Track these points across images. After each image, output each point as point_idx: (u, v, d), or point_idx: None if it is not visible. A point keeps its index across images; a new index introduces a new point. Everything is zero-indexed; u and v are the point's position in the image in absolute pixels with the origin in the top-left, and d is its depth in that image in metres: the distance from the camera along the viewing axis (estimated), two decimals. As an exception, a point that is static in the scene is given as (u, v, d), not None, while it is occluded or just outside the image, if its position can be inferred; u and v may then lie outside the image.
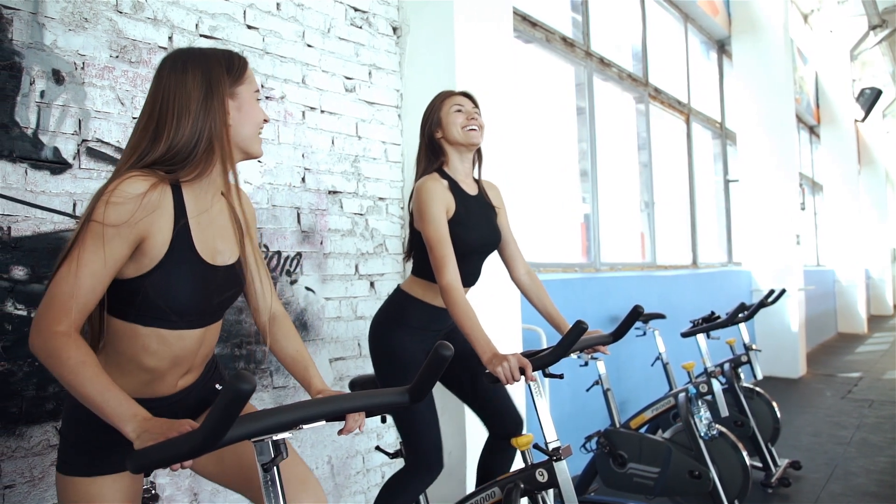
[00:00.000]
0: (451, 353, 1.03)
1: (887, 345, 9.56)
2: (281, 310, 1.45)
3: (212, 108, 1.19)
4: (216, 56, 1.25)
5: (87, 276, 1.08)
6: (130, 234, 1.11)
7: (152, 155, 1.17)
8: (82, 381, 1.03)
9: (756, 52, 7.08)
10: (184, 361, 1.27)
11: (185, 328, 1.23)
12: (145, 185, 1.13)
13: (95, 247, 1.08)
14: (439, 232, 1.82)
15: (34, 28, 1.75)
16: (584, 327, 1.57)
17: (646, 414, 3.24)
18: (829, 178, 11.33)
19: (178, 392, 1.30)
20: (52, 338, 1.05)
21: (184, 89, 1.19)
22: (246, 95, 1.26)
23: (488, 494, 1.89)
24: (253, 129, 1.27)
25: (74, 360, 1.04)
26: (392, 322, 1.96)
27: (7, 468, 1.67)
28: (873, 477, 3.53)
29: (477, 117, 1.95)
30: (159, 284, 1.16)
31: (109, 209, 1.09)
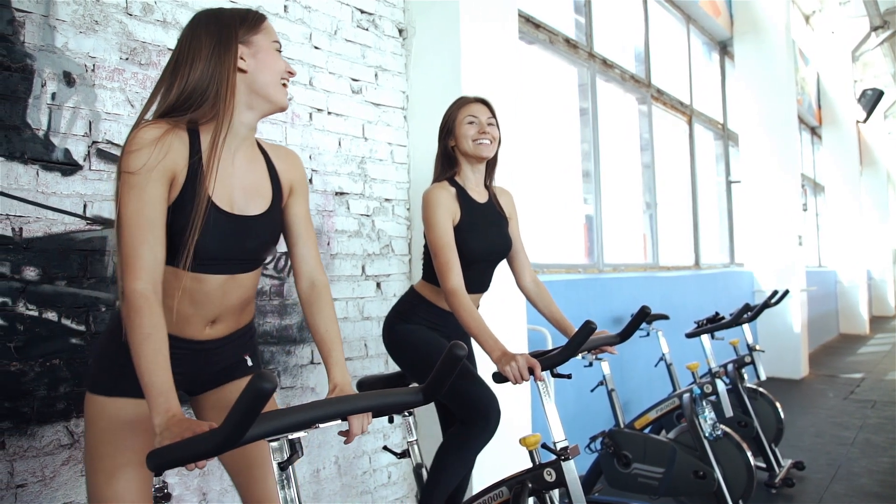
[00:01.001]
0: (464, 353, 1.04)
1: (889, 346, 9.57)
2: (323, 280, 1.43)
3: (223, 53, 1.23)
4: (232, 10, 1.31)
5: (139, 225, 1.13)
6: (157, 174, 1.16)
7: (166, 101, 1.22)
8: (142, 352, 1.08)
9: (758, 53, 7.09)
10: (205, 307, 1.29)
11: (200, 271, 1.24)
12: (159, 130, 1.18)
13: (135, 195, 1.14)
14: (443, 238, 1.85)
15: (46, 30, 1.77)
16: (593, 327, 1.59)
17: (650, 414, 3.25)
18: (830, 179, 11.34)
19: (206, 340, 1.32)
20: (132, 296, 1.10)
21: (197, 38, 1.24)
22: (263, 44, 1.29)
23: (496, 494, 1.90)
24: (272, 76, 1.29)
25: (144, 329, 1.08)
26: (402, 317, 2.01)
27: (19, 467, 1.68)
28: (876, 477, 3.54)
29: (489, 130, 1.96)
30: (174, 224, 1.19)
31: (130, 158, 1.15)
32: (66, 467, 1.77)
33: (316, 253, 1.44)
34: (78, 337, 1.80)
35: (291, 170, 1.41)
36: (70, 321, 1.79)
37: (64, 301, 1.78)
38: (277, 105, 1.32)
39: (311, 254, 1.42)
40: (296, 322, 2.38)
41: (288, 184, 1.40)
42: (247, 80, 1.27)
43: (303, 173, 1.45)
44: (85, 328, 1.81)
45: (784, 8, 7.05)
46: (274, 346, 2.30)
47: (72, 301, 1.79)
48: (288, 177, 1.40)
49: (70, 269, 1.79)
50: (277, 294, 2.33)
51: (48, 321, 1.75)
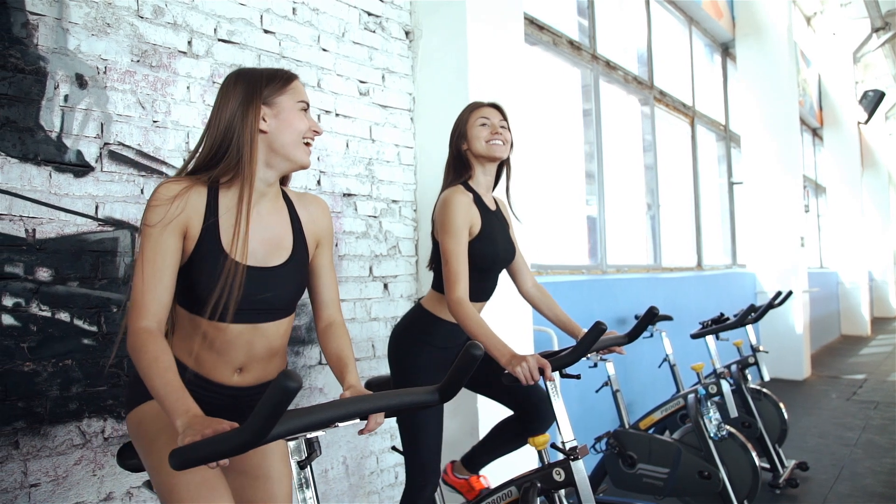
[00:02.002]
0: (481, 353, 1.05)
1: (891, 347, 9.57)
2: (340, 320, 1.50)
3: (244, 113, 1.29)
4: (264, 70, 1.36)
5: (151, 273, 1.22)
6: (172, 227, 1.24)
7: (196, 161, 1.32)
8: (152, 375, 1.14)
9: (760, 55, 7.10)
10: (229, 354, 1.33)
11: (221, 321, 1.28)
12: (178, 187, 1.27)
13: (150, 246, 1.23)
14: (459, 245, 1.82)
15: (59, 33, 1.78)
16: (603, 328, 1.60)
17: (655, 415, 3.26)
18: (832, 181, 11.35)
19: (235, 387, 1.36)
20: (135, 333, 1.19)
21: (227, 98, 1.31)
22: (286, 104, 1.33)
23: (505, 493, 1.91)
24: (293, 136, 1.33)
25: (150, 354, 1.16)
26: (414, 340, 1.95)
27: (32, 467, 1.69)
28: (880, 478, 3.55)
29: (502, 132, 1.94)
30: (189, 274, 1.28)
31: (150, 212, 1.24)
32: (78, 467, 1.78)
33: (336, 296, 1.51)
34: (90, 337, 1.81)
35: (317, 220, 1.46)
36: (82, 322, 1.80)
37: (76, 302, 1.79)
38: (298, 164, 1.36)
39: (331, 298, 1.50)
40: (304, 323, 2.39)
41: (313, 235, 1.45)
42: (267, 140, 1.32)
43: (329, 222, 1.50)
44: (97, 329, 1.82)
45: (786, 10, 7.06)
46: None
47: (84, 302, 1.80)
48: (312, 228, 1.45)
49: (82, 270, 1.81)
50: None
51: (61, 322, 1.76)
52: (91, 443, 1.80)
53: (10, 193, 1.68)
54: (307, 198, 1.48)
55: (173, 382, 1.12)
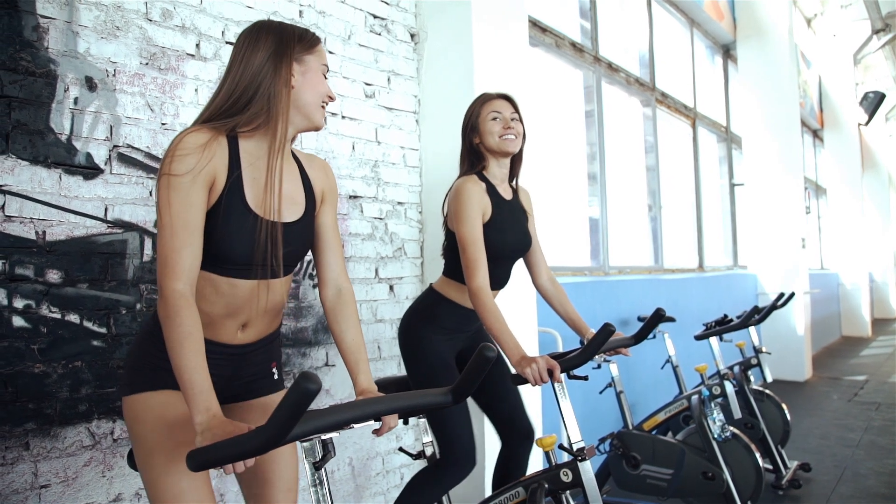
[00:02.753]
0: (494, 355, 1.06)
1: (892, 348, 9.58)
2: (348, 287, 1.46)
3: (277, 65, 1.26)
4: (291, 27, 1.33)
5: (179, 226, 1.15)
6: (200, 178, 1.19)
7: (213, 103, 1.26)
8: (182, 352, 1.10)
9: (761, 57, 7.12)
10: (239, 312, 1.30)
11: (236, 277, 1.26)
12: (204, 136, 1.21)
13: (179, 198, 1.16)
14: (474, 234, 1.84)
15: (69, 36, 1.79)
16: (612, 330, 1.61)
17: (659, 416, 3.27)
18: (832, 182, 11.37)
19: (238, 345, 1.34)
20: (172, 296, 1.13)
21: (254, 44, 1.27)
22: (313, 64, 1.32)
23: (512, 494, 1.92)
24: (315, 97, 1.32)
25: (185, 328, 1.11)
26: (423, 320, 1.99)
27: (42, 468, 1.70)
28: (883, 479, 3.56)
29: (514, 125, 1.96)
30: (211, 229, 1.22)
31: (176, 162, 1.17)
32: (87, 468, 1.79)
33: (342, 260, 1.47)
34: (99, 339, 1.82)
35: (324, 179, 1.44)
36: (92, 323, 1.81)
37: (86, 304, 1.80)
38: (314, 124, 1.36)
39: (337, 261, 1.45)
40: (311, 325, 2.40)
41: (321, 191, 1.43)
42: (293, 96, 1.30)
43: (334, 182, 1.48)
44: (106, 330, 1.83)
45: (786, 11, 7.08)
46: (289, 349, 2.32)
47: (93, 304, 1.81)
48: (320, 185, 1.43)
49: (91, 272, 1.82)
50: (293, 297, 2.35)
51: (70, 323, 1.77)
52: (100, 444, 1.81)
53: (21, 195, 1.69)
54: (315, 159, 1.47)
55: (202, 370, 1.09)
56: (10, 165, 1.67)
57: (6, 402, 1.65)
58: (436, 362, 1.92)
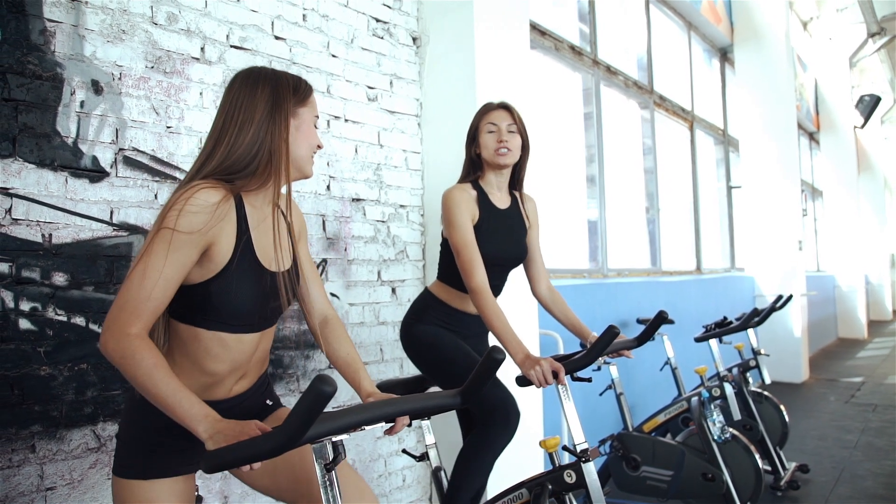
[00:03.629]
0: (503, 357, 1.07)
1: (888, 350, 9.63)
2: (333, 313, 1.49)
3: (275, 122, 1.25)
4: (286, 77, 1.32)
5: (157, 280, 1.12)
6: (200, 241, 1.17)
7: (211, 163, 1.23)
8: (156, 382, 1.07)
9: (758, 60, 7.16)
10: (241, 366, 1.32)
11: (244, 332, 1.28)
12: (218, 195, 1.19)
13: (166, 252, 1.13)
14: (465, 237, 1.88)
15: (75, 40, 1.80)
16: (616, 332, 1.62)
17: (658, 417, 3.28)
18: (828, 184, 11.42)
19: (231, 398, 1.34)
20: (125, 339, 1.09)
21: (252, 101, 1.25)
22: (306, 117, 1.32)
23: (516, 496, 1.93)
24: (307, 150, 1.33)
25: (148, 361, 1.08)
26: (417, 318, 2.05)
27: (48, 471, 1.71)
28: (880, 480, 3.58)
29: (508, 138, 1.98)
30: (223, 290, 1.21)
31: (183, 217, 1.14)
32: (93, 470, 1.79)
33: (323, 290, 1.49)
34: (105, 341, 1.82)
35: (296, 217, 1.46)
36: (97, 326, 1.81)
37: (91, 306, 1.80)
38: (304, 175, 1.36)
39: (319, 292, 1.47)
40: (313, 327, 2.41)
41: (297, 232, 1.43)
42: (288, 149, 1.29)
43: (302, 218, 1.50)
44: (112, 333, 1.84)
45: (783, 15, 7.12)
46: (293, 351, 2.33)
47: (99, 306, 1.82)
48: (296, 225, 1.43)
49: (97, 275, 1.82)
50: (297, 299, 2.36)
51: (76, 326, 1.77)
52: (106, 446, 1.82)
53: (27, 198, 1.70)
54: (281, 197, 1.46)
55: (179, 387, 1.08)
56: (16, 168, 1.68)
57: (12, 404, 1.65)
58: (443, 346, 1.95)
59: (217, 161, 1.23)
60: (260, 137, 1.24)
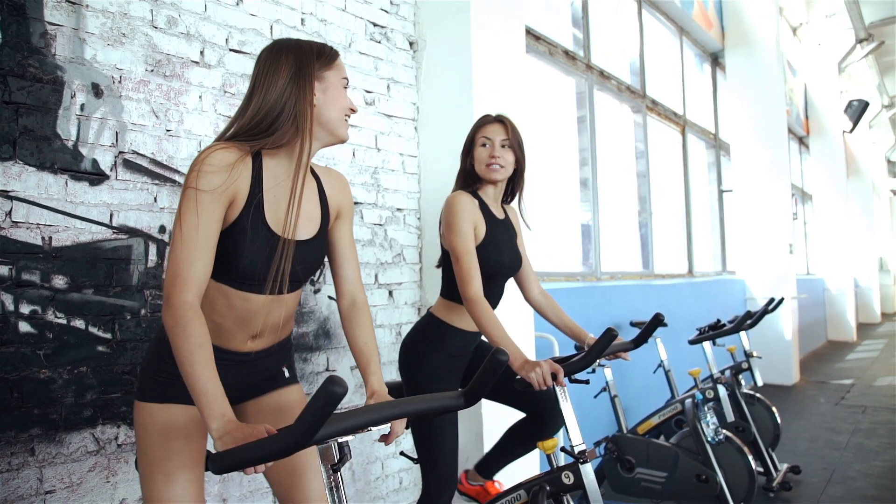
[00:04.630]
0: (507, 359, 1.08)
1: (876, 352, 9.72)
2: (363, 298, 1.50)
3: (299, 85, 1.28)
4: (309, 43, 1.35)
5: (196, 240, 1.18)
6: (223, 197, 1.22)
7: (239, 123, 1.28)
8: (194, 361, 1.11)
9: (749, 65, 7.23)
10: (249, 324, 1.33)
11: (250, 291, 1.29)
12: (233, 155, 1.23)
13: (196, 212, 1.18)
14: (467, 244, 1.85)
15: (76, 43, 1.80)
16: (614, 334, 1.64)
17: (653, 420, 3.30)
18: (818, 188, 11.52)
19: (248, 352, 1.37)
20: (182, 308, 1.15)
21: (275, 66, 1.29)
22: (333, 80, 1.34)
23: (514, 497, 1.94)
24: (338, 113, 1.34)
25: (195, 338, 1.13)
26: (425, 347, 1.96)
27: (48, 474, 1.71)
28: (871, 481, 3.62)
29: (500, 153, 1.95)
30: (229, 244, 1.25)
31: (203, 177, 1.19)
32: (92, 473, 1.79)
33: (358, 273, 1.50)
34: (104, 345, 1.83)
35: (340, 194, 1.47)
36: (97, 329, 1.82)
37: (91, 309, 1.81)
38: (339, 138, 1.38)
39: (353, 274, 1.49)
40: (312, 330, 2.41)
41: (336, 208, 1.45)
42: (315, 114, 1.32)
43: (350, 197, 1.51)
44: (111, 336, 1.84)
45: (774, 21, 7.19)
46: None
47: (98, 309, 1.82)
48: (336, 201, 1.45)
49: (97, 278, 1.82)
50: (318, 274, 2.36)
51: (76, 329, 1.78)
52: (105, 449, 1.82)
53: (28, 201, 1.70)
54: (331, 172, 1.49)
55: (211, 376, 1.11)
56: (17, 171, 1.68)
57: (12, 407, 1.65)
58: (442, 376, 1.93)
59: (242, 123, 1.28)
60: (283, 100, 1.27)
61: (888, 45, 10.16)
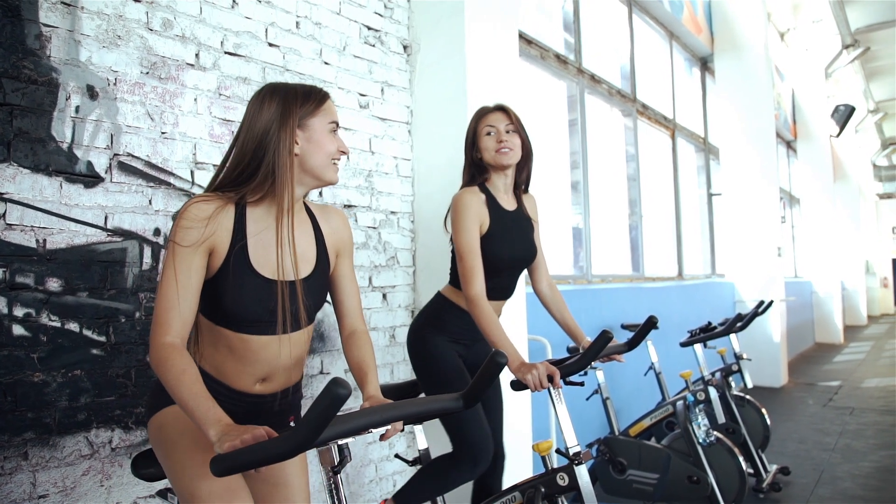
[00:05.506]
0: (506, 361, 1.10)
1: (863, 354, 9.82)
2: (362, 328, 1.53)
3: (280, 134, 1.30)
4: (297, 89, 1.36)
5: (175, 291, 1.23)
6: (200, 249, 1.27)
7: (224, 174, 1.32)
8: (180, 386, 1.15)
9: (737, 69, 7.30)
10: (254, 365, 1.34)
11: (247, 333, 1.31)
12: (210, 208, 1.28)
13: (174, 265, 1.25)
14: (470, 243, 1.89)
15: (71, 45, 1.80)
16: (609, 337, 1.65)
17: (644, 422, 3.33)
18: (805, 192, 11.64)
19: (257, 395, 1.38)
20: (160, 348, 1.20)
21: (259, 116, 1.32)
22: (318, 127, 1.35)
23: (509, 499, 1.95)
24: (324, 159, 1.36)
25: (177, 368, 1.17)
26: (431, 325, 2.04)
27: (41, 478, 1.69)
28: (859, 481, 3.66)
29: (507, 138, 1.99)
30: (217, 290, 1.30)
31: (181, 232, 1.26)
32: (86, 477, 1.78)
33: (358, 307, 1.54)
34: (99, 348, 1.82)
35: (338, 232, 1.49)
36: (91, 332, 1.81)
37: (85, 312, 1.80)
38: (326, 182, 1.40)
39: (354, 307, 1.53)
40: (306, 332, 2.41)
41: (334, 247, 1.48)
42: (299, 161, 1.34)
43: (349, 233, 1.53)
44: (105, 339, 1.83)
45: (762, 26, 7.26)
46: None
47: (93, 312, 1.81)
48: (333, 240, 1.48)
49: (91, 281, 1.82)
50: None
51: (70, 332, 1.77)
52: (99, 453, 1.81)
53: (22, 203, 1.69)
54: (328, 210, 1.51)
55: (201, 393, 1.14)
56: (11, 173, 1.67)
57: (5, 411, 1.64)
58: (445, 366, 1.97)
59: (227, 172, 1.32)
60: (263, 149, 1.30)
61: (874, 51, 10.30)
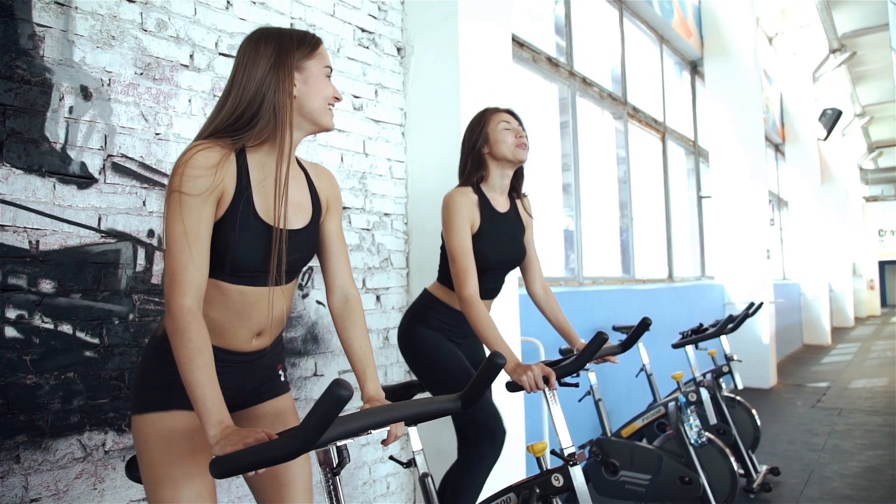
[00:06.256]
0: (504, 362, 1.10)
1: (850, 355, 9.92)
2: (355, 294, 1.48)
3: (277, 78, 1.27)
4: (290, 33, 1.34)
5: (187, 244, 1.17)
6: (209, 197, 1.21)
7: (218, 117, 1.27)
8: (193, 367, 1.11)
9: (727, 73, 7.36)
10: (251, 320, 1.32)
11: (245, 284, 1.28)
12: (216, 155, 1.22)
13: (186, 216, 1.18)
14: (462, 244, 1.90)
15: (64, 45, 1.79)
16: (604, 338, 1.66)
17: (636, 423, 3.35)
18: (793, 194, 11.75)
19: (251, 352, 1.36)
20: (180, 312, 1.14)
21: (254, 58, 1.28)
22: (314, 70, 1.33)
23: (504, 500, 1.95)
24: (321, 102, 1.33)
25: (194, 343, 1.12)
26: (416, 320, 2.07)
27: (33, 481, 1.68)
28: (847, 481, 3.69)
29: (525, 136, 2.03)
30: (220, 239, 1.24)
31: (187, 181, 1.18)
32: (79, 480, 1.77)
33: (348, 268, 1.49)
34: (92, 350, 1.81)
35: (329, 188, 1.47)
36: (84, 334, 1.80)
37: (79, 314, 1.79)
38: (323, 127, 1.37)
39: (343, 269, 1.48)
40: (300, 335, 2.41)
41: (326, 200, 1.45)
42: (297, 105, 1.31)
43: (338, 191, 1.50)
44: (98, 341, 1.82)
45: (751, 30, 7.33)
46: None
47: (86, 314, 1.80)
48: (325, 194, 1.45)
49: (84, 282, 1.80)
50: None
51: (63, 334, 1.75)
52: (92, 456, 1.79)
53: (15, 205, 1.68)
54: (320, 168, 1.49)
55: (212, 384, 1.11)
56: (4, 174, 1.66)
57: (-3, 413, 1.63)
58: (440, 354, 1.98)
59: (222, 118, 1.27)
60: (262, 93, 1.26)
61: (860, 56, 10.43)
